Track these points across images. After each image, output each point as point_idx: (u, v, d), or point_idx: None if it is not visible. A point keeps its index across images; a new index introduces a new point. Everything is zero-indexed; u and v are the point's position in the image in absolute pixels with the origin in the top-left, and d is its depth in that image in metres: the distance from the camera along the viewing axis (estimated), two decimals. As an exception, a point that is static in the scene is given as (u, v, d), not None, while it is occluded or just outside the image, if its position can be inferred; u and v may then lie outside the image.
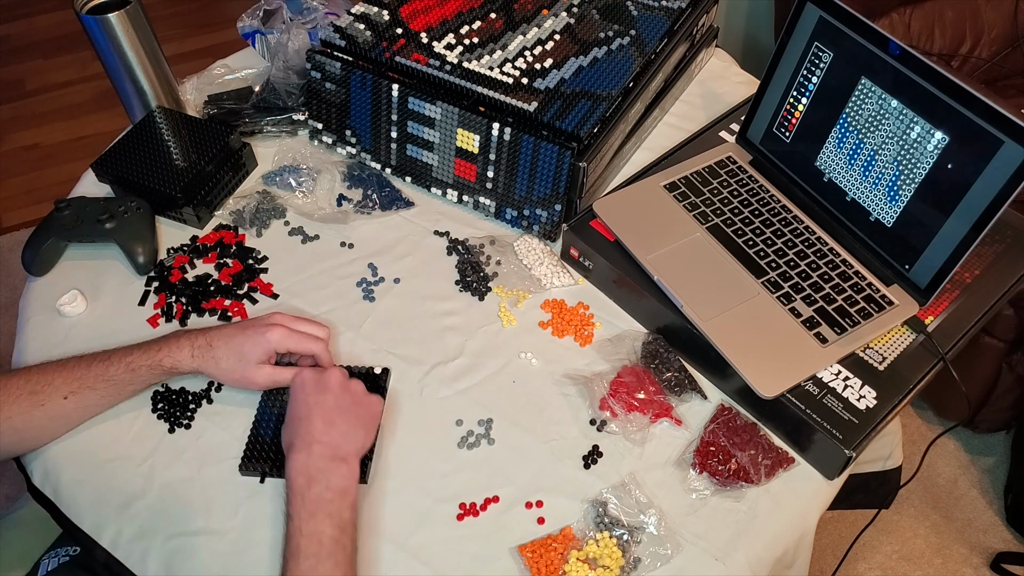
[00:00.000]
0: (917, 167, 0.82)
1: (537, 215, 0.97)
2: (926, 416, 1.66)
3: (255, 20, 1.14)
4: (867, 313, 0.85)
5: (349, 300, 0.93)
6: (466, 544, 0.75)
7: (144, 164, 0.98)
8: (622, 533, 0.74)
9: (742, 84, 1.20)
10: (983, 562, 1.48)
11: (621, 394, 0.83)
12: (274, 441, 0.79)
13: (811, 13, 0.88)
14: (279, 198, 1.03)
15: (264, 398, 0.83)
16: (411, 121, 1.00)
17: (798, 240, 0.91)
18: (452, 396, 0.85)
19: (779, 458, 0.80)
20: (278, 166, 1.06)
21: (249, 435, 0.80)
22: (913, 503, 1.55)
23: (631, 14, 1.08)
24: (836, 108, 0.88)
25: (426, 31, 1.03)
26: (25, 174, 2.21)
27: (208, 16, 2.70)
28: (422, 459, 0.80)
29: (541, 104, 0.94)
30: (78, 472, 0.79)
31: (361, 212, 1.02)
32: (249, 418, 0.82)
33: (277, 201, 1.02)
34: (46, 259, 0.95)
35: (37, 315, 0.92)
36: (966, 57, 1.68)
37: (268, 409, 0.82)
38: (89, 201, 0.96)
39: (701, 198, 0.95)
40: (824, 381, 0.81)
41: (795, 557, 0.80)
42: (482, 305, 0.93)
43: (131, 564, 0.74)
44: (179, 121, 1.04)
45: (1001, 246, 0.94)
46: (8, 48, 2.58)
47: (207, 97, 1.12)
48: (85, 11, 1.02)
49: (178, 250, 0.97)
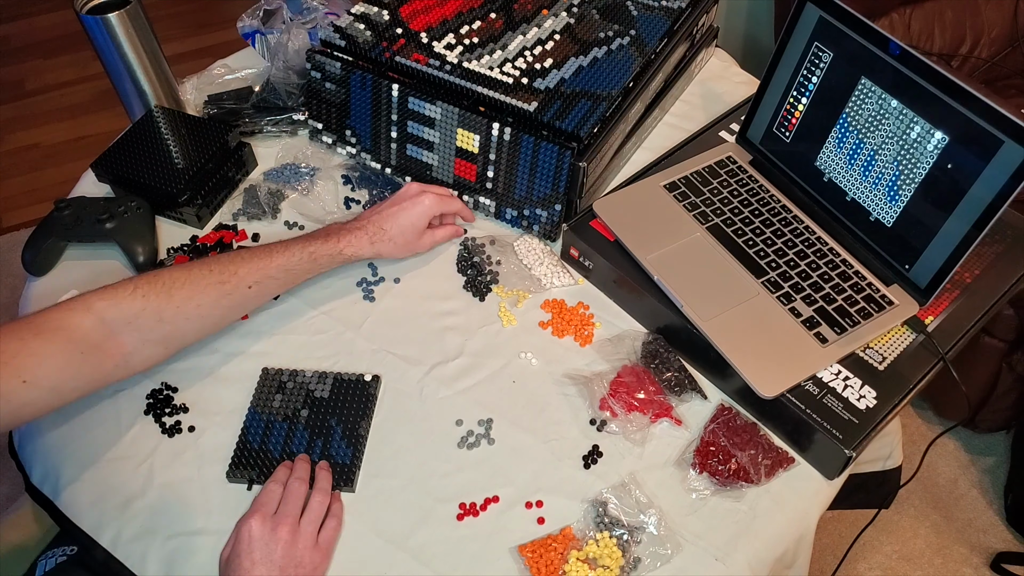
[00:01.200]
0: (917, 167, 0.82)
1: (537, 215, 0.97)
2: (926, 416, 1.66)
3: (255, 20, 1.14)
4: (867, 313, 0.85)
5: (349, 300, 0.93)
6: (466, 544, 0.75)
7: (144, 163, 0.98)
8: (622, 533, 0.74)
9: (742, 84, 1.20)
10: (983, 562, 1.48)
11: (621, 394, 0.83)
12: (262, 448, 0.79)
13: (811, 13, 0.88)
14: (288, 195, 1.03)
15: (252, 407, 0.83)
16: (411, 121, 1.00)
17: (798, 240, 0.91)
18: (452, 396, 0.85)
19: (779, 458, 0.80)
20: (280, 163, 1.06)
21: (237, 442, 0.80)
22: (913, 503, 1.55)
23: (631, 14, 1.08)
24: (836, 108, 0.88)
25: (426, 31, 1.03)
26: (25, 174, 2.21)
27: (208, 16, 2.70)
28: (422, 459, 0.80)
29: (541, 104, 0.94)
30: (77, 472, 0.79)
31: None
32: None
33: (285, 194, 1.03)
34: (46, 259, 0.95)
35: (37, 315, 0.92)
36: (966, 57, 1.68)
37: (257, 417, 0.82)
38: (89, 201, 0.96)
39: (701, 198, 0.95)
40: (824, 381, 0.81)
41: (795, 557, 0.80)
42: (482, 305, 0.93)
43: (131, 564, 0.74)
44: (178, 120, 1.04)
45: (1001, 246, 0.94)
46: (8, 48, 2.58)
47: (207, 97, 1.12)
48: (85, 11, 1.02)
49: (178, 250, 0.97)
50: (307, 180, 1.04)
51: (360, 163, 1.07)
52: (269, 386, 0.84)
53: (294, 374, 0.85)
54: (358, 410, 0.82)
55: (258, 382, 0.85)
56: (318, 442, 0.80)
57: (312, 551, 0.71)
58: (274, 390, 0.84)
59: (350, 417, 0.82)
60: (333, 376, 0.85)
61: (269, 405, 0.83)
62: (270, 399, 0.83)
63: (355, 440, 0.80)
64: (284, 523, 0.71)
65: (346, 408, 0.82)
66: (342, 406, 0.82)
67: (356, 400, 0.83)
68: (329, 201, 1.03)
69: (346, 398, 0.83)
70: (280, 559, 0.69)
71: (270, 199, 1.02)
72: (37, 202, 2.13)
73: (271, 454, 0.79)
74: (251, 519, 0.70)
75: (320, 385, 0.84)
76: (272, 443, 0.80)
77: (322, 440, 0.80)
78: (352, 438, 0.80)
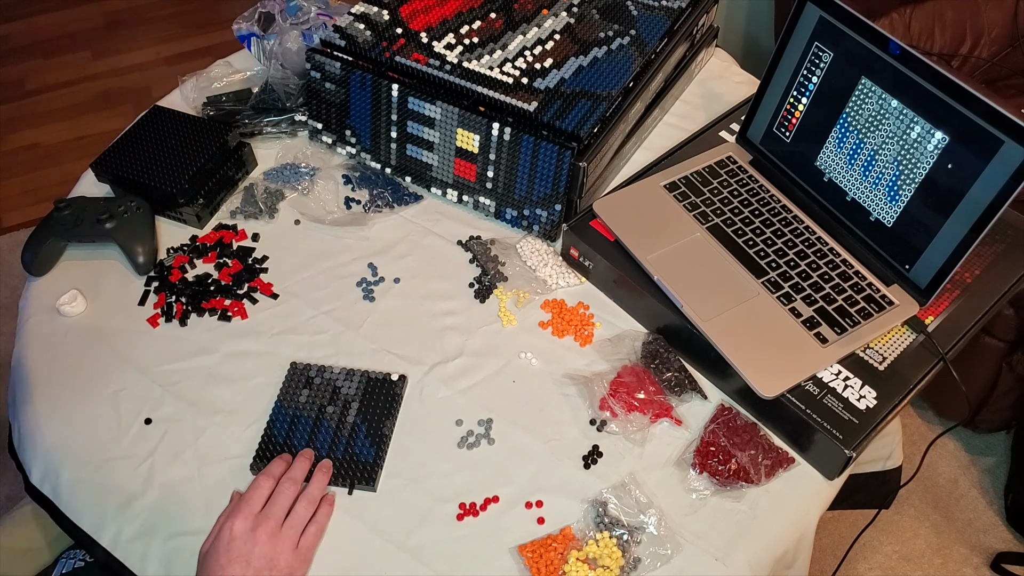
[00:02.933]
0: (917, 167, 0.81)
1: (537, 215, 0.97)
2: (926, 416, 1.66)
3: (251, 23, 1.14)
4: (867, 313, 0.85)
5: (349, 300, 0.93)
6: (466, 544, 0.75)
7: (143, 163, 0.98)
8: (622, 533, 0.74)
9: (742, 84, 1.20)
10: (983, 562, 1.48)
11: (621, 394, 0.83)
12: (287, 442, 0.80)
13: (811, 13, 0.88)
14: (288, 195, 1.04)
15: (279, 400, 0.83)
16: (411, 121, 1.00)
17: (798, 240, 0.91)
18: (452, 396, 0.85)
19: (779, 458, 0.80)
20: (280, 163, 1.06)
21: (262, 435, 0.81)
22: (913, 503, 1.55)
23: (631, 14, 1.08)
24: (836, 108, 0.88)
25: (426, 31, 1.03)
26: (25, 174, 2.21)
27: (208, 16, 2.70)
28: (422, 459, 0.80)
29: (541, 104, 0.94)
30: (77, 471, 0.79)
31: (375, 211, 1.02)
32: (249, 419, 0.83)
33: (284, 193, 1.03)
34: (46, 259, 0.95)
35: (37, 315, 0.92)
36: (966, 57, 1.68)
37: (283, 411, 0.82)
38: (89, 201, 0.96)
39: (701, 198, 0.95)
40: (824, 381, 0.81)
41: (795, 557, 0.80)
42: (482, 305, 0.93)
43: (131, 564, 0.74)
44: (177, 120, 1.04)
45: (1001, 246, 0.94)
46: (8, 48, 2.57)
47: (206, 98, 1.12)
48: None
49: (178, 250, 0.97)
50: (307, 180, 1.04)
51: (360, 163, 1.07)
52: (297, 381, 0.84)
53: (322, 370, 0.85)
54: (383, 409, 0.83)
55: (286, 376, 0.85)
56: (342, 439, 0.80)
57: (291, 555, 0.70)
58: (301, 385, 0.84)
59: (375, 415, 0.82)
60: (360, 373, 0.85)
61: (296, 400, 0.83)
62: (297, 394, 0.83)
63: (379, 439, 0.80)
64: (266, 524, 0.70)
65: (372, 406, 0.83)
66: (368, 404, 0.83)
67: (382, 399, 0.83)
68: (329, 200, 1.03)
69: (372, 396, 0.83)
70: (256, 560, 0.68)
71: (268, 198, 1.02)
72: (37, 202, 2.13)
73: (296, 448, 0.79)
74: (234, 517, 0.70)
75: (347, 382, 0.84)
76: (297, 437, 0.80)
77: (346, 437, 0.80)
78: (376, 437, 0.81)
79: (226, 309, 0.92)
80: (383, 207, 1.02)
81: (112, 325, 0.90)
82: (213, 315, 0.92)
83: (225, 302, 0.92)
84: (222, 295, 0.93)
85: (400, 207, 1.03)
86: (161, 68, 2.47)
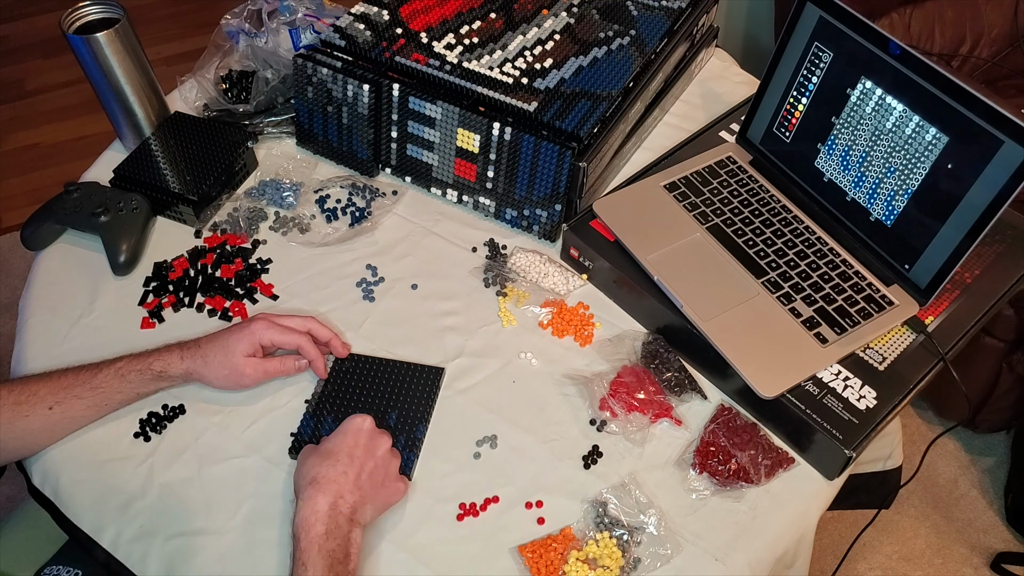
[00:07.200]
0: (917, 167, 0.81)
1: (537, 215, 0.97)
2: (926, 416, 1.66)
3: (240, 19, 1.13)
4: (867, 313, 0.85)
5: (349, 300, 0.93)
6: (466, 544, 0.75)
7: (164, 171, 0.99)
8: (622, 533, 0.74)
9: (742, 84, 1.20)
10: (983, 562, 1.48)
11: (621, 394, 0.83)
12: (330, 431, 0.77)
13: (811, 13, 0.88)
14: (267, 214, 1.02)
15: (324, 387, 0.84)
16: (411, 121, 1.00)
17: (798, 240, 0.91)
18: (452, 396, 0.85)
19: (779, 458, 0.80)
20: (259, 181, 1.04)
21: (301, 422, 0.81)
22: (913, 503, 1.55)
23: (631, 14, 1.08)
24: (836, 108, 0.88)
25: (426, 31, 1.03)
26: (25, 174, 2.21)
27: (208, 16, 2.70)
28: (422, 459, 0.80)
29: (541, 104, 0.94)
30: (78, 472, 0.79)
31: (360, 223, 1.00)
32: (248, 419, 0.82)
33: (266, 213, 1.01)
34: (43, 238, 0.99)
35: (37, 315, 0.92)
36: (966, 57, 1.68)
37: (326, 398, 0.83)
38: (97, 189, 0.98)
39: (701, 198, 0.95)
40: (824, 381, 0.81)
41: (795, 557, 0.80)
42: (482, 305, 0.93)
43: (131, 564, 0.74)
44: (197, 126, 1.05)
45: (1001, 246, 0.94)
46: (8, 48, 2.57)
47: (205, 102, 1.12)
48: (72, 31, 1.00)
49: (178, 257, 0.97)
50: (290, 195, 1.02)
51: (350, 176, 1.05)
52: (340, 369, 0.85)
53: (364, 360, 0.86)
54: (420, 400, 0.83)
55: (332, 365, 0.85)
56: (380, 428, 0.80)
57: (398, 478, 0.76)
58: (345, 372, 0.85)
59: (413, 406, 0.83)
60: (400, 364, 0.86)
61: (346, 382, 0.84)
62: (341, 382, 0.84)
63: (415, 430, 0.81)
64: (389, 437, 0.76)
65: (409, 397, 0.83)
66: (406, 394, 0.83)
67: (421, 390, 0.84)
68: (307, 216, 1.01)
69: (411, 387, 0.84)
70: (380, 457, 0.73)
71: (248, 222, 1.00)
72: (37, 202, 2.11)
73: None
74: (365, 419, 0.74)
75: (388, 372, 0.85)
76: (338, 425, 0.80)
77: (384, 427, 0.80)
78: (412, 428, 0.81)
79: (227, 309, 0.92)
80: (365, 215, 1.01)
81: (112, 325, 0.90)
82: (213, 315, 0.92)
83: (225, 303, 0.92)
84: (222, 295, 0.93)
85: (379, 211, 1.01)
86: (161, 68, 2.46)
